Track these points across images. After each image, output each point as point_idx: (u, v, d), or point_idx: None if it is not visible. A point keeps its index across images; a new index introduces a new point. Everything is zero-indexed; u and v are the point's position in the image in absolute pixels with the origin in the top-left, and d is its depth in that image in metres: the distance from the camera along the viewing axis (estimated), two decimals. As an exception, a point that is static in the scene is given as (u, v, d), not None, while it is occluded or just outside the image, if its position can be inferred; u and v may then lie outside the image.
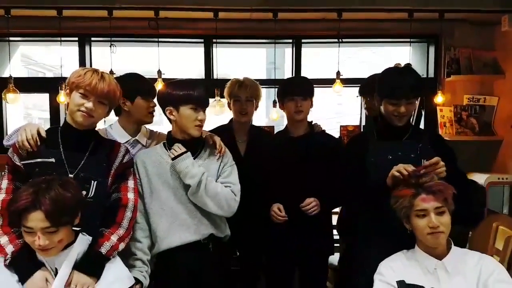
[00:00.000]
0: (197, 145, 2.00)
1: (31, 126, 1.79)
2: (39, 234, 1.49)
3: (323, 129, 2.48)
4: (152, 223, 1.95)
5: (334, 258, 2.86)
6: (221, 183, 1.98)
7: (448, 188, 1.71)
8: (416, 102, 2.03)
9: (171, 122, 1.99)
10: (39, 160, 1.73)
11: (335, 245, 2.52)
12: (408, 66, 2.06)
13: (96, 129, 1.89)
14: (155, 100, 2.14)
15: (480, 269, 1.68)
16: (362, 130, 3.09)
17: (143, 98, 2.16)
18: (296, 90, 2.31)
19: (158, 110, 2.16)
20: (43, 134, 1.78)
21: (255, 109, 2.56)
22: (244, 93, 2.49)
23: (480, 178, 3.17)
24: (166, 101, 1.95)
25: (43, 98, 3.68)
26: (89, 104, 1.72)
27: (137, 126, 2.23)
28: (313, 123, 2.42)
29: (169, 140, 2.00)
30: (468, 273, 1.69)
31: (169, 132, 2.02)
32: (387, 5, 3.16)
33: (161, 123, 2.43)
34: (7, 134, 3.50)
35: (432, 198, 1.68)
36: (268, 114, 3.66)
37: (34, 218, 1.48)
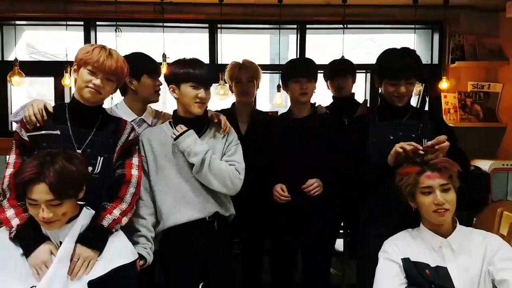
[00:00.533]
0: (202, 124, 2.01)
1: (38, 101, 1.81)
2: (43, 206, 1.49)
3: (326, 110, 2.48)
4: (157, 200, 1.96)
5: (339, 243, 2.88)
6: (225, 161, 1.99)
7: (453, 165, 1.71)
8: (416, 82, 2.04)
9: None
10: (43, 132, 1.74)
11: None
12: (406, 47, 2.07)
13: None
14: (162, 79, 2.15)
15: (486, 247, 1.68)
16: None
17: (150, 77, 2.17)
18: (300, 72, 2.30)
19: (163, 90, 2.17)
20: (50, 109, 1.79)
21: (256, 89, 2.61)
22: (244, 75, 2.52)
23: (484, 165, 3.17)
24: (169, 79, 1.97)
25: (47, 87, 3.68)
26: (97, 81, 1.73)
27: (143, 106, 2.25)
28: (316, 105, 2.43)
29: (175, 119, 2.02)
30: (474, 251, 1.69)
31: (175, 111, 2.04)
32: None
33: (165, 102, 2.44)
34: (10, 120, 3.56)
35: (437, 175, 1.68)
36: (271, 100, 3.66)
37: (38, 190, 1.48)
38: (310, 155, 2.26)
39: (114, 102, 2.32)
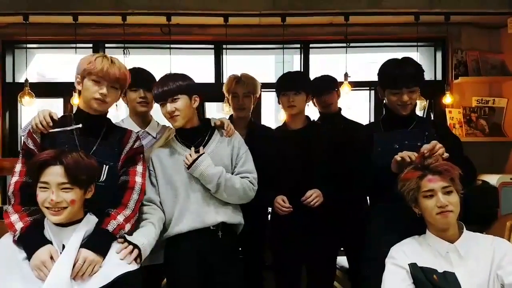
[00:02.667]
0: (204, 132, 2.04)
1: (44, 111, 1.85)
2: (53, 189, 1.54)
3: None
4: (165, 211, 1.98)
5: (343, 259, 2.84)
6: (238, 173, 2.02)
7: (454, 168, 1.71)
8: (420, 97, 2.05)
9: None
10: (64, 128, 1.79)
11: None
12: (407, 57, 2.11)
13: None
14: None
15: (494, 251, 1.67)
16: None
17: (131, 90, 2.22)
18: (287, 85, 2.32)
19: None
20: (55, 116, 1.83)
21: (254, 103, 2.63)
22: (241, 89, 2.55)
23: (492, 179, 3.14)
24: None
25: (56, 109, 3.75)
26: (103, 90, 1.77)
27: (141, 118, 2.30)
28: (312, 119, 2.43)
29: (177, 132, 2.06)
30: (481, 255, 1.67)
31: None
32: (393, 8, 3.21)
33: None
34: (21, 140, 3.62)
35: (438, 178, 1.69)
36: (277, 117, 3.70)
37: (52, 172, 1.54)
38: (307, 165, 2.25)
39: (119, 110, 2.36)
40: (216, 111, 3.61)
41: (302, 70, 3.66)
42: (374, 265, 1.99)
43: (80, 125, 1.79)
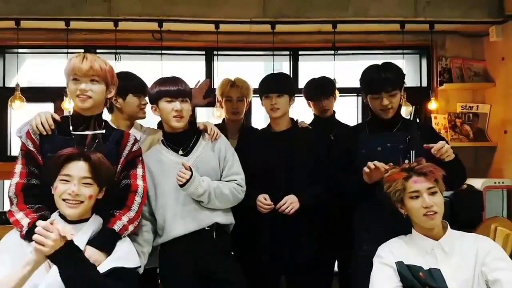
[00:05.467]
0: (190, 137, 2.07)
1: (45, 112, 1.86)
2: (75, 182, 1.60)
3: (308, 126, 2.46)
4: (157, 216, 2.01)
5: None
6: (226, 175, 2.05)
7: (437, 169, 1.77)
8: (400, 94, 2.07)
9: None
10: (89, 132, 1.82)
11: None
12: (387, 62, 2.16)
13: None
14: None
15: (477, 248, 1.72)
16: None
17: (135, 95, 2.23)
18: (269, 87, 2.27)
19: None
20: (57, 118, 1.85)
21: (246, 107, 2.67)
22: (235, 93, 2.60)
23: (477, 183, 3.22)
24: (150, 100, 2.07)
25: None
26: (82, 86, 1.77)
27: (130, 123, 2.31)
28: (296, 120, 2.40)
29: (164, 136, 2.09)
30: (465, 252, 1.73)
31: (163, 129, 2.11)
32: (379, 16, 3.31)
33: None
34: (10, 144, 3.62)
35: (423, 179, 1.74)
36: (266, 121, 3.73)
37: (76, 166, 1.62)
38: (289, 169, 2.23)
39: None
40: (207, 116, 3.63)
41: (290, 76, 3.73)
42: (359, 264, 2.05)
43: (104, 131, 1.84)
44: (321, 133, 2.44)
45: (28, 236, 1.61)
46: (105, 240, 1.68)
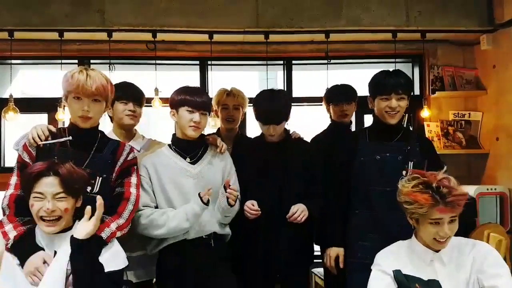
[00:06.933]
0: (198, 147, 2.11)
1: (41, 125, 1.88)
2: (49, 199, 1.58)
3: (301, 136, 2.46)
4: None
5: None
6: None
7: (465, 198, 1.69)
8: (407, 102, 2.09)
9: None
10: (56, 140, 1.81)
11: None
12: (398, 69, 2.21)
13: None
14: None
15: (474, 256, 1.71)
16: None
17: (120, 102, 2.24)
18: (268, 118, 2.20)
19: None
20: (53, 129, 1.86)
21: (242, 116, 2.72)
22: (232, 101, 2.64)
23: (470, 190, 3.24)
24: (171, 104, 2.10)
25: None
26: (85, 107, 1.79)
27: (125, 132, 2.31)
28: (289, 131, 2.40)
29: (174, 142, 2.12)
30: (463, 262, 1.72)
31: (174, 134, 2.15)
32: (371, 26, 3.34)
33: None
34: (3, 155, 3.60)
35: (450, 209, 1.65)
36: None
37: (47, 183, 1.58)
38: (281, 178, 2.22)
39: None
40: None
41: (285, 86, 3.76)
42: (355, 272, 2.06)
43: (70, 138, 1.82)
44: (316, 151, 2.41)
45: (13, 249, 1.64)
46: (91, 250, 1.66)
